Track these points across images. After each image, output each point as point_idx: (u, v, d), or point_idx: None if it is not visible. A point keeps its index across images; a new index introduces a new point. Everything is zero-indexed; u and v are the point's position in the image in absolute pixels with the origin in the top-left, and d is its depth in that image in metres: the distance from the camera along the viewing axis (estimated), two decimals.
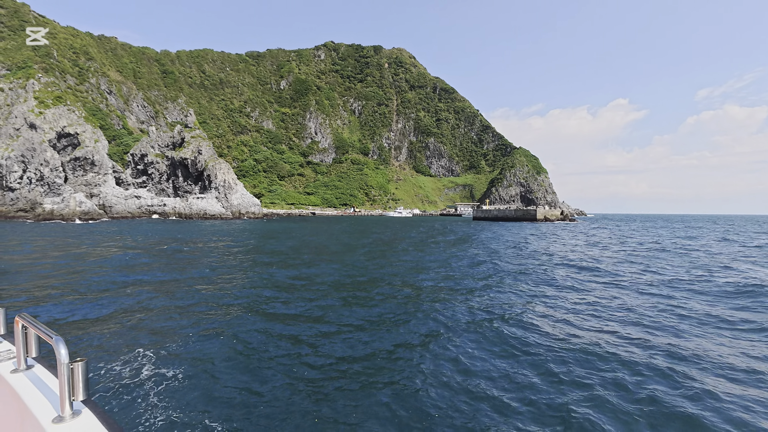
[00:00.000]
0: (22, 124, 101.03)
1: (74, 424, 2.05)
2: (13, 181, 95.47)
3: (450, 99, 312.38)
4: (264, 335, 10.43)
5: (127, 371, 7.75)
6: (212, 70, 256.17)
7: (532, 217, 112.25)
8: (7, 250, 29.97)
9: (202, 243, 38.13)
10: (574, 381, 7.72)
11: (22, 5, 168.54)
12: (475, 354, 9.23)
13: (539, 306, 14.01)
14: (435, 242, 41.68)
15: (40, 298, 14.30)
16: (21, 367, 2.70)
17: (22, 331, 2.63)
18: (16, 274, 19.74)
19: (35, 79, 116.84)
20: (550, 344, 9.83)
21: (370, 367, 8.43)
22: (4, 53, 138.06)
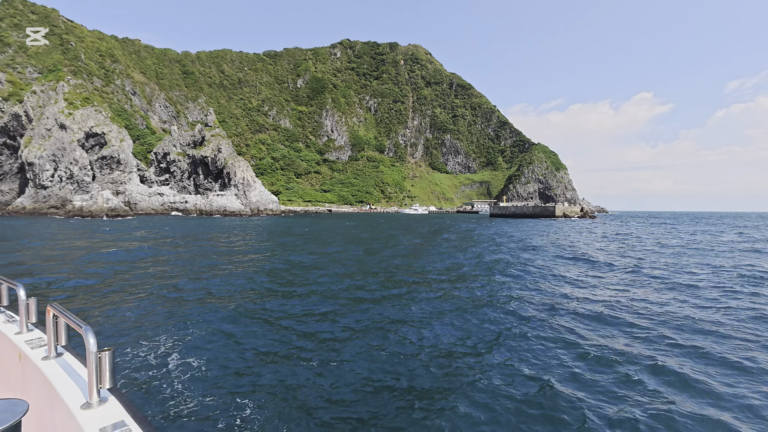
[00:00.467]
0: (53, 125, 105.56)
1: (101, 410, 2.13)
2: (45, 179, 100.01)
3: (466, 95, 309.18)
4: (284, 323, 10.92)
5: (153, 358, 8.16)
6: (231, 70, 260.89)
7: (550, 213, 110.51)
8: (42, 244, 31.68)
9: (225, 238, 39.31)
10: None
11: (52, 11, 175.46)
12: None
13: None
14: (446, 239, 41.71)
15: (69, 289, 15.24)
16: (51, 354, 2.80)
17: (52, 320, 2.72)
18: (48, 266, 20.96)
19: (65, 81, 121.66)
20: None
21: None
22: (36, 57, 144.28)
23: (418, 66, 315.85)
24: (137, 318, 11.18)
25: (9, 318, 3.72)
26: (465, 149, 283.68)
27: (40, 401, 2.63)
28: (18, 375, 3.07)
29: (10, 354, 3.21)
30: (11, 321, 3.62)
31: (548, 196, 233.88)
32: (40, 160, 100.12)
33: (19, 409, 1.42)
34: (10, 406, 1.42)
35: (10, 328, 3.43)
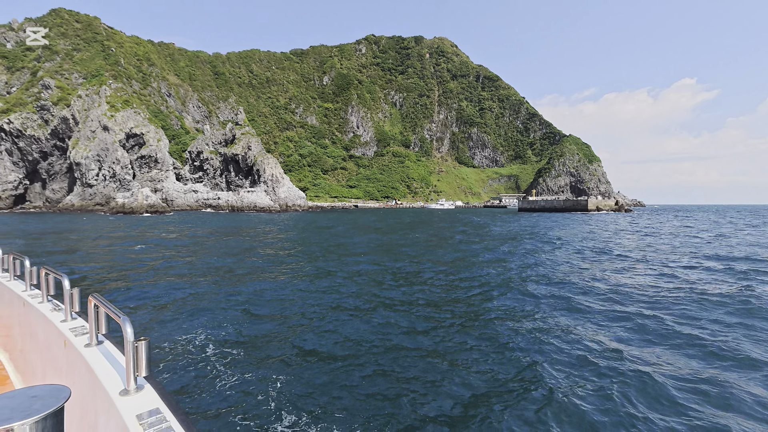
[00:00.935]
0: (97, 127, 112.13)
1: (138, 397, 2.22)
2: (91, 178, 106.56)
3: (494, 87, 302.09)
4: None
5: (191, 346, 8.61)
6: (259, 69, 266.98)
7: (582, 207, 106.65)
8: (91, 239, 33.92)
9: (261, 232, 40.65)
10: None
11: (94, 18, 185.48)
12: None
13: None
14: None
15: (111, 279, 16.30)
16: (93, 342, 2.97)
17: (94, 309, 2.87)
18: (93, 257, 22.47)
19: (107, 85, 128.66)
20: None
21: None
22: (81, 63, 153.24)
23: (443, 59, 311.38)
24: (178, 303, 11.88)
25: (55, 306, 3.99)
26: (492, 142, 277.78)
27: (83, 387, 2.76)
28: (63, 360, 3.23)
29: (56, 340, 3.39)
30: (57, 309, 3.88)
31: (580, 190, 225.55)
32: (86, 160, 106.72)
33: (63, 395, 1.50)
34: (54, 391, 1.51)
35: (56, 316, 3.64)
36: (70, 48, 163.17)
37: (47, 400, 1.43)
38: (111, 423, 2.18)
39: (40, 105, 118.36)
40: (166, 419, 1.98)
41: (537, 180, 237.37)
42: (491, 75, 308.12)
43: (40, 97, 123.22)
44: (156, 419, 1.97)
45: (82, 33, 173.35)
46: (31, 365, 4.30)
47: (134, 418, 1.95)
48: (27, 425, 1.28)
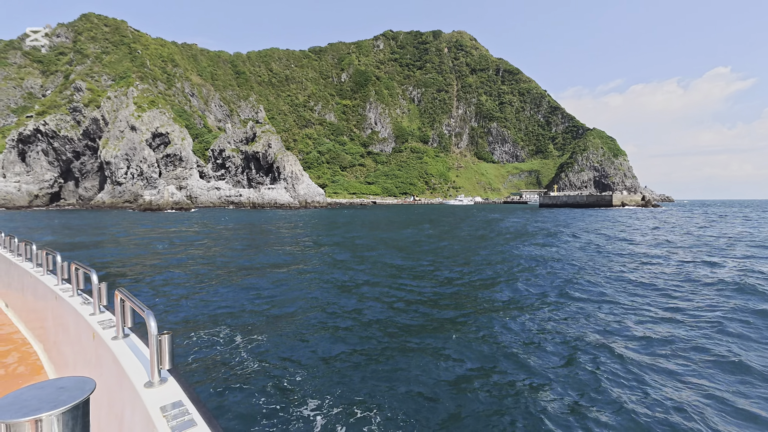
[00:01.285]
0: (125, 127, 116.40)
1: (161, 390, 2.29)
2: (120, 176, 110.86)
3: (514, 81, 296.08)
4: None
5: (213, 338, 9.05)
6: (279, 68, 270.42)
7: (606, 203, 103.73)
8: (120, 234, 35.46)
9: (281, 228, 41.53)
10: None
11: (122, 22, 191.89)
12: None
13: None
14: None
15: (137, 272, 17.07)
16: (120, 335, 3.06)
17: (120, 303, 2.95)
18: (121, 252, 23.52)
19: (134, 86, 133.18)
20: None
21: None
22: (109, 66, 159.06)
23: (462, 53, 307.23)
24: (201, 295, 12.41)
25: (85, 300, 4.17)
26: (513, 137, 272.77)
27: (110, 378, 2.85)
28: (92, 353, 3.35)
29: (86, 333, 3.55)
30: (87, 303, 4.05)
31: (605, 185, 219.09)
32: (115, 159, 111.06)
33: (88, 386, 1.54)
34: (80, 383, 1.55)
35: (86, 310, 3.82)
36: (99, 51, 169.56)
37: (74, 391, 1.48)
38: (136, 414, 2.26)
39: (73, 107, 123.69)
40: (189, 412, 2.04)
41: (559, 175, 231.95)
42: (511, 68, 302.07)
43: (73, 99, 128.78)
44: (179, 411, 2.03)
45: (110, 36, 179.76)
46: (63, 356, 4.49)
47: (158, 410, 2.03)
48: (54, 416, 1.34)
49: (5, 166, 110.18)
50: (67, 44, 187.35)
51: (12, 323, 6.42)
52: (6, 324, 6.38)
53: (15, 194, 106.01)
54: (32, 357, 5.05)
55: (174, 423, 1.94)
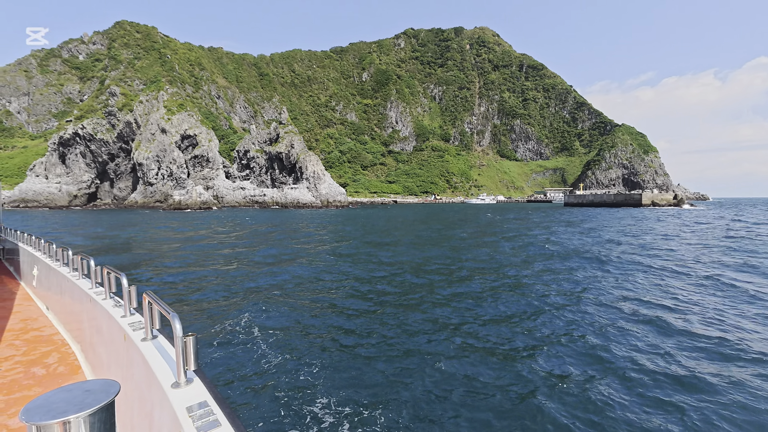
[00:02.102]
0: (156, 130, 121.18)
1: (188, 390, 2.35)
2: (151, 177, 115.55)
3: (538, 76, 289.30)
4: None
5: (237, 336, 9.60)
6: (301, 69, 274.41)
7: (635, 202, 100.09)
8: (153, 234, 37.16)
9: (305, 228, 42.50)
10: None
11: (152, 28, 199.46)
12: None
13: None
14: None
15: (168, 272, 17.95)
16: (148, 336, 3.19)
17: (148, 306, 3.09)
18: (153, 252, 24.71)
19: (164, 90, 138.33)
20: None
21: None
22: (141, 70, 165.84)
23: (484, 49, 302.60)
24: (226, 293, 13.05)
25: (116, 303, 4.38)
26: (537, 134, 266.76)
27: (140, 379, 2.96)
28: (124, 354, 3.52)
29: (117, 335, 3.73)
30: (118, 305, 4.26)
31: (634, 183, 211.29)
32: (147, 160, 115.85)
33: (113, 389, 1.58)
34: (105, 386, 1.59)
35: (117, 312, 4.03)
36: (131, 57, 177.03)
37: (99, 394, 1.52)
38: (164, 414, 2.32)
39: (108, 111, 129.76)
40: (213, 412, 2.09)
41: (585, 173, 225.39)
42: (535, 64, 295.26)
43: (108, 104, 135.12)
44: (204, 412, 2.09)
45: (142, 42, 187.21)
46: (98, 357, 4.72)
47: (184, 411, 2.09)
48: (81, 418, 1.38)
49: (48, 168, 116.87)
50: (102, 51, 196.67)
51: (52, 325, 6.81)
52: (47, 326, 6.77)
53: (56, 194, 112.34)
54: (71, 357, 5.39)
55: (199, 423, 1.99)
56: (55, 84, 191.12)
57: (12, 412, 4.00)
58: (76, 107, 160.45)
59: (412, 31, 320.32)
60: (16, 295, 9.10)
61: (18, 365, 5.07)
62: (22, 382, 4.57)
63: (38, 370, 4.89)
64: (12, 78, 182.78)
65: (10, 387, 4.48)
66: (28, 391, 4.41)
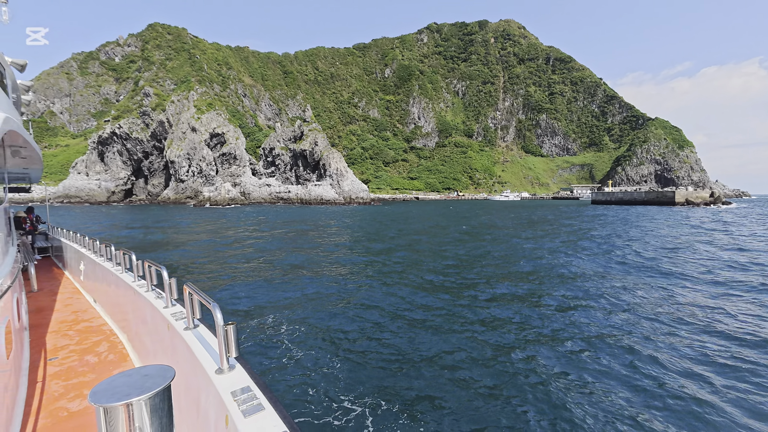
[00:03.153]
0: (186, 128, 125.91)
1: (231, 376, 2.50)
2: (183, 174, 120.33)
3: (566, 69, 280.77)
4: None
5: (269, 326, 10.55)
6: (324, 66, 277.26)
7: (668, 200, 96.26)
8: (187, 231, 39.24)
9: (330, 225, 43.77)
10: None
11: (183, 29, 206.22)
12: None
13: None
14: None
15: (203, 267, 19.26)
16: (190, 325, 3.39)
17: (189, 297, 3.29)
18: (187, 248, 26.31)
19: (194, 90, 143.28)
20: None
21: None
22: (172, 71, 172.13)
23: (510, 43, 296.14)
24: (258, 287, 14.11)
25: (158, 294, 4.65)
26: (563, 129, 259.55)
27: (185, 365, 3.17)
28: (168, 342, 3.79)
29: (161, 324, 4.01)
30: (159, 297, 4.54)
31: (667, 179, 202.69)
32: (179, 158, 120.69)
33: (169, 374, 1.67)
34: (162, 371, 1.69)
35: (159, 303, 4.31)
36: (163, 58, 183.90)
37: (157, 378, 1.63)
38: (210, 399, 2.45)
39: (143, 111, 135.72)
40: (257, 396, 2.22)
41: (615, 169, 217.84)
42: (563, 56, 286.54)
43: (142, 104, 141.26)
44: (248, 396, 2.22)
45: (173, 43, 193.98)
46: (144, 346, 5.05)
47: (229, 395, 2.22)
48: (143, 401, 1.50)
49: (88, 166, 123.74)
50: (137, 53, 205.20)
51: (100, 316, 7.31)
52: (96, 317, 7.28)
53: (96, 191, 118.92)
54: (119, 346, 5.80)
55: (244, 407, 2.10)
56: (93, 85, 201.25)
57: (71, 396, 4.29)
58: (113, 107, 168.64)
59: (435, 26, 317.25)
60: (66, 288, 9.73)
61: (73, 354, 5.47)
62: (78, 369, 4.94)
63: (91, 358, 5.28)
64: (55, 80, 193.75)
65: (68, 374, 4.82)
66: (83, 377, 4.75)
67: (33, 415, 3.91)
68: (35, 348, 5.74)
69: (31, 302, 8.25)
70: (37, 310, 7.64)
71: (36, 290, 9.43)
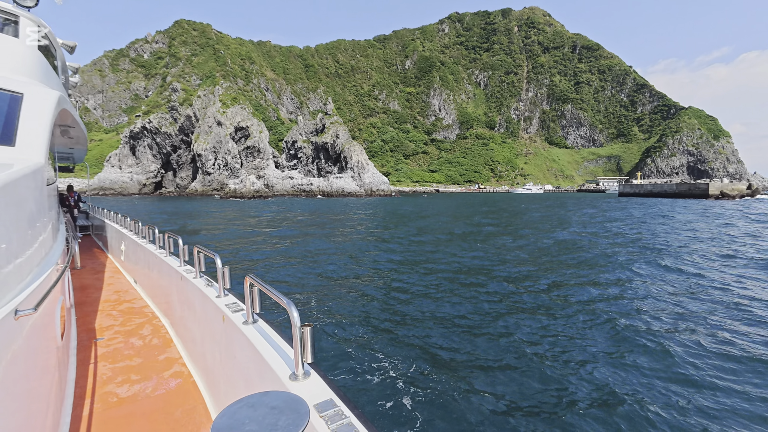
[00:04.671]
0: (212, 123, 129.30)
1: (308, 384, 2.17)
2: (209, 167, 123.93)
3: (593, 57, 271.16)
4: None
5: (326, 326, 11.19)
6: (345, 59, 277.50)
7: (701, 192, 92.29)
8: (226, 221, 40.81)
9: (354, 215, 44.61)
10: None
11: (207, 25, 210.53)
12: None
13: None
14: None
15: (248, 259, 20.19)
16: (249, 320, 3.06)
17: (249, 288, 2.94)
18: (233, 239, 27.53)
19: (219, 85, 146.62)
20: None
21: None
22: (198, 66, 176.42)
23: (534, 31, 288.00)
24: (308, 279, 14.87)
25: (208, 282, 4.32)
26: (590, 120, 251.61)
27: (246, 363, 2.84)
28: (222, 334, 3.43)
29: (214, 314, 3.65)
30: (210, 285, 4.21)
31: (701, 171, 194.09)
32: (205, 151, 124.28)
33: (303, 411, 1.46)
34: (292, 404, 1.48)
35: (211, 292, 3.96)
36: (189, 54, 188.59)
37: (289, 415, 1.40)
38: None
39: (171, 106, 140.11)
40: (344, 414, 1.87)
41: (644, 161, 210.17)
42: (590, 44, 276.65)
43: (170, 99, 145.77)
44: (335, 413, 1.88)
45: (198, 39, 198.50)
46: (189, 332, 4.74)
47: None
48: None
49: (121, 159, 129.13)
50: (164, 49, 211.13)
51: (142, 298, 7.18)
52: (138, 298, 7.14)
53: (128, 183, 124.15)
54: (162, 330, 5.61)
55: (334, 426, 1.76)
56: (124, 81, 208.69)
57: (119, 381, 4.17)
58: (143, 103, 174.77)
59: (457, 15, 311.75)
60: (107, 267, 9.67)
61: (118, 335, 5.41)
62: (124, 352, 4.86)
63: (135, 341, 5.18)
64: (89, 77, 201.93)
65: (114, 356, 4.73)
66: (130, 361, 4.61)
67: (84, 398, 3.84)
68: (82, 327, 5.68)
69: (75, 279, 8.24)
70: (81, 288, 7.64)
71: (79, 267, 9.48)
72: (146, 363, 4.52)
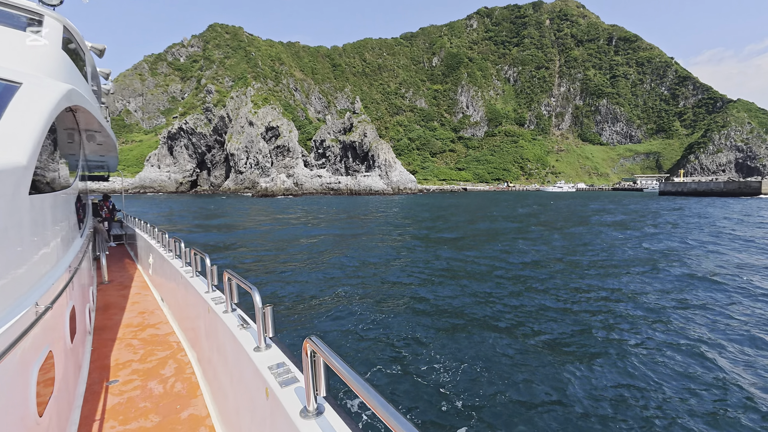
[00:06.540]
0: (244, 123, 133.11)
1: (267, 353, 2.72)
2: (241, 166, 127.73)
3: (631, 49, 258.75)
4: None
5: (312, 307, 11.27)
6: (371, 57, 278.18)
7: (753, 191, 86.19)
8: (254, 219, 41.91)
9: (383, 214, 44.77)
10: None
11: (239, 28, 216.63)
12: None
13: None
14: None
15: (269, 255, 20.57)
16: (229, 309, 3.65)
17: (228, 282, 3.51)
18: (258, 236, 28.17)
19: (251, 86, 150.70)
20: None
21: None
22: (230, 68, 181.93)
23: (567, 23, 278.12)
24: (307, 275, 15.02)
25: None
26: (627, 115, 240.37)
27: (225, 345, 3.40)
28: (209, 323, 4.04)
29: (203, 308, 4.28)
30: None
31: (751, 168, 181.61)
32: (237, 151, 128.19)
33: None
34: None
35: (202, 288, 4.58)
36: (222, 56, 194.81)
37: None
38: (249, 372, 2.65)
39: (205, 107, 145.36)
40: (291, 370, 2.40)
41: (686, 157, 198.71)
42: (628, 35, 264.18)
43: (205, 101, 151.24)
44: (283, 370, 2.40)
45: (231, 42, 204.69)
46: (191, 329, 5.23)
47: (267, 369, 2.39)
48: None
49: (159, 159, 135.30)
50: (199, 52, 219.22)
51: (167, 321, 6.92)
52: (163, 322, 6.90)
53: (167, 182, 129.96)
54: (188, 370, 5.20)
55: (281, 379, 2.28)
56: (162, 85, 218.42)
57: None
58: (179, 104, 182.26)
59: (486, 10, 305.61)
60: (136, 281, 9.39)
61: (135, 376, 4.66)
62: (139, 404, 4.04)
63: (155, 387, 4.39)
64: (130, 81, 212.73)
65: (127, 410, 3.93)
66: (144, 419, 3.75)
67: None
68: (96, 362, 5.04)
69: (99, 296, 8.04)
70: (105, 308, 7.31)
71: (106, 282, 9.21)
72: (164, 423, 3.68)
